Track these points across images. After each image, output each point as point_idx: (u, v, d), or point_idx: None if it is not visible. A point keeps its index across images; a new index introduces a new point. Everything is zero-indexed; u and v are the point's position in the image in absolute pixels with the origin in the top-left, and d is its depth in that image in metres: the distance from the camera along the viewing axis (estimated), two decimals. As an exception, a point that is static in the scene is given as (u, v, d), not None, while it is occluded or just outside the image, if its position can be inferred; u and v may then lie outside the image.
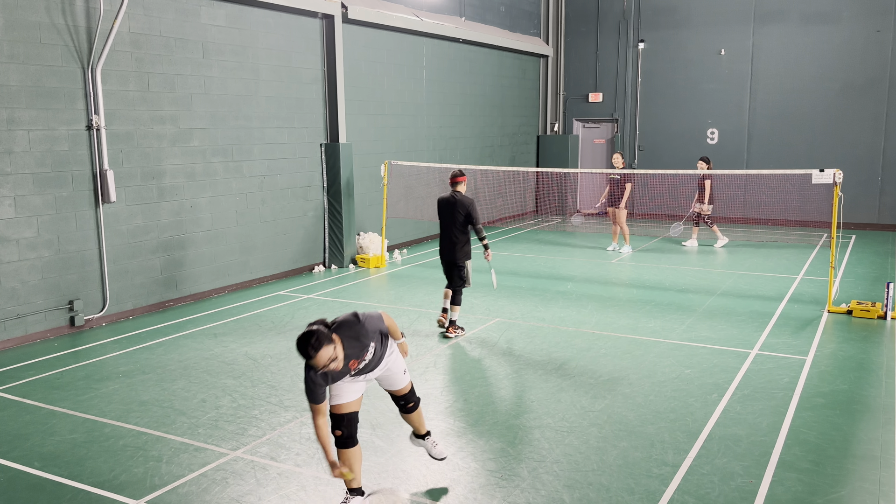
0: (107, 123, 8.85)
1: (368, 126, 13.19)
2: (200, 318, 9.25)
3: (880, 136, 16.08)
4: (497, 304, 9.75)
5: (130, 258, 9.28)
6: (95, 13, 8.60)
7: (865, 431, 5.69)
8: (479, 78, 16.62)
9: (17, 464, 5.28)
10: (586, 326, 8.71)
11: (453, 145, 15.87)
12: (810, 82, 16.63)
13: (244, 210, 10.85)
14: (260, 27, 10.85)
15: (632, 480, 4.92)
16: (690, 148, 17.78)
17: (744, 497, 4.69)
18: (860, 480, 4.92)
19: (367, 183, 13.26)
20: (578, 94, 19.53)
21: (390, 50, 13.60)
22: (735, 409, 6.13)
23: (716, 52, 17.52)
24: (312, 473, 5.10)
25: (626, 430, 5.74)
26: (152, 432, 5.79)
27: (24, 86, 8.01)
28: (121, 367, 7.37)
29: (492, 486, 4.87)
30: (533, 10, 18.81)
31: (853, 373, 7.02)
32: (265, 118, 11.05)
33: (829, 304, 9.30)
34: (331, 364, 4.08)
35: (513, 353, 7.71)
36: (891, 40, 15.80)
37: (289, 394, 6.58)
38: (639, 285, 10.87)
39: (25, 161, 8.08)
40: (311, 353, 4.00)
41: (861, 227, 16.20)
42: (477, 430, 5.74)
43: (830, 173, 9.11)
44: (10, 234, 8.01)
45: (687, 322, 8.85)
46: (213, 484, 4.95)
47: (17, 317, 8.12)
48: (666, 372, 7.06)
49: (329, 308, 9.67)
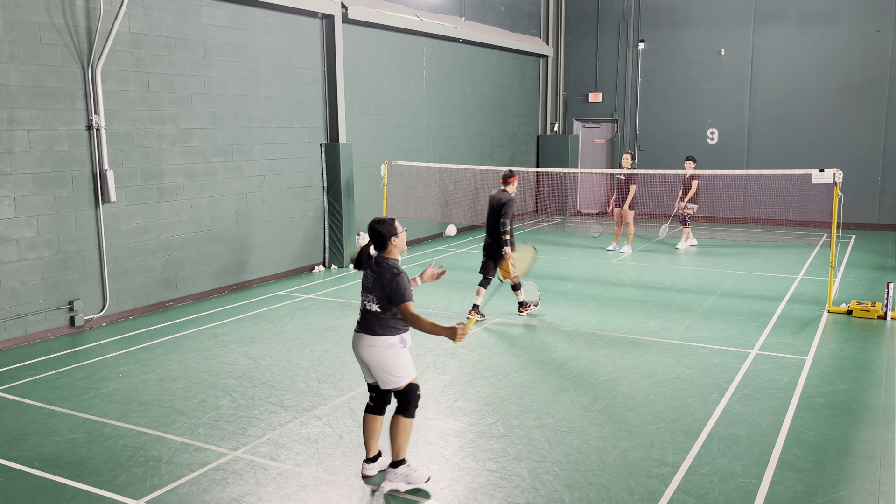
0: (107, 123, 8.85)
1: (368, 126, 13.19)
2: (200, 318, 9.25)
3: (880, 136, 16.08)
4: (497, 304, 9.75)
5: (130, 258, 9.28)
6: (95, 13, 8.60)
7: (865, 431, 5.69)
8: (479, 78, 16.62)
9: (17, 464, 5.28)
10: (586, 326, 8.71)
11: (453, 145, 15.87)
12: (810, 82, 16.63)
13: (244, 210, 10.85)
14: (260, 27, 10.85)
15: (632, 480, 4.92)
16: (690, 148, 17.77)
17: (744, 497, 4.69)
18: (860, 480, 4.92)
19: (367, 183, 13.26)
20: (578, 94, 19.53)
21: (390, 50, 13.60)
22: (735, 409, 6.13)
23: (716, 52, 17.53)
24: (312, 473, 5.10)
25: (626, 430, 5.74)
26: (152, 432, 5.79)
27: (24, 86, 8.01)
28: (121, 367, 7.37)
29: (492, 486, 4.87)
30: (533, 10, 18.81)
31: (853, 373, 7.02)
32: (265, 118, 11.05)
33: (829, 304, 9.30)
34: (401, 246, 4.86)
35: (513, 353, 7.70)
36: (891, 40, 15.80)
37: (289, 394, 6.59)
38: (639, 285, 10.87)
39: (25, 161, 8.08)
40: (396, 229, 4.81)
41: (861, 227, 16.20)
42: (477, 430, 5.74)
43: (830, 173, 9.11)
44: (10, 234, 8.00)
45: (687, 322, 8.84)
46: (213, 484, 4.95)
47: (17, 317, 8.12)
48: (666, 372, 7.06)
49: (329, 308, 9.67)
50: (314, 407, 6.27)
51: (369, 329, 4.76)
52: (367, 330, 4.77)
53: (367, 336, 4.75)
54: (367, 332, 4.76)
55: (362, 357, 4.80)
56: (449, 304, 9.80)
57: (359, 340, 4.81)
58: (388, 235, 4.81)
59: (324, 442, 5.58)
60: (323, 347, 7.97)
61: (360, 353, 4.82)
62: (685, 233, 14.07)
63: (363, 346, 4.77)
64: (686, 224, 13.99)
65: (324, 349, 7.90)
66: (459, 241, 15.20)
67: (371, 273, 4.82)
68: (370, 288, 4.79)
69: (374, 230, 4.85)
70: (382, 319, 4.74)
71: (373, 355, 4.74)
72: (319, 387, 6.75)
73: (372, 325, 4.75)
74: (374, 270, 4.80)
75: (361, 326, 4.81)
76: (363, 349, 4.78)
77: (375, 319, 4.75)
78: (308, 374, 7.09)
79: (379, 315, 4.74)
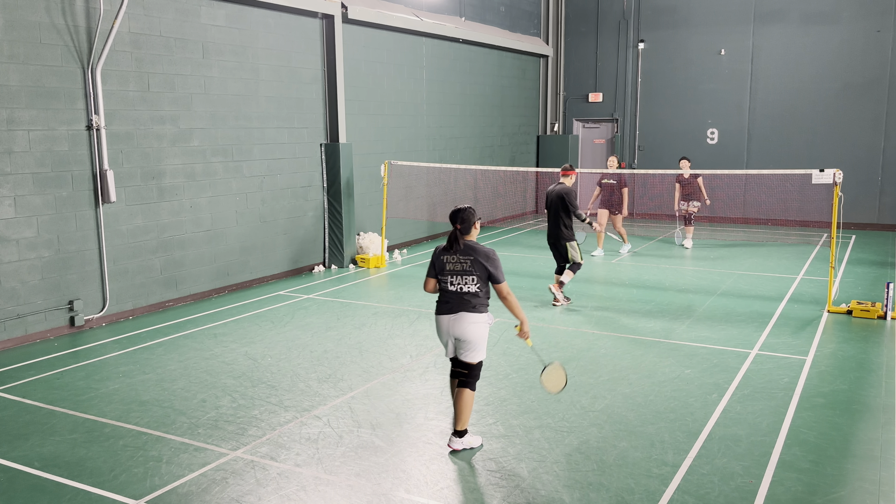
0: (107, 123, 8.85)
1: (368, 126, 13.20)
2: (200, 318, 9.25)
3: (880, 136, 16.09)
4: (497, 304, 9.74)
5: (130, 258, 9.28)
6: (95, 13, 8.60)
7: (865, 431, 5.69)
8: (479, 78, 16.62)
9: (17, 464, 5.28)
10: (586, 326, 8.71)
11: (453, 145, 15.87)
12: (810, 82, 16.64)
13: (244, 210, 10.85)
14: (260, 27, 10.85)
15: (632, 480, 4.92)
16: (690, 148, 17.78)
17: (744, 497, 4.69)
18: (860, 480, 4.92)
19: (367, 183, 13.26)
20: (578, 94, 19.53)
21: (390, 50, 13.61)
22: (735, 409, 6.13)
23: (716, 52, 17.53)
24: (312, 473, 5.10)
25: (626, 430, 5.74)
26: (152, 432, 5.79)
27: (24, 86, 8.01)
28: (121, 367, 7.37)
29: (492, 486, 4.87)
30: (533, 10, 18.81)
31: (853, 373, 7.02)
32: (265, 118, 11.05)
33: (829, 304, 9.30)
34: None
35: (513, 353, 7.70)
36: (891, 40, 15.80)
37: (289, 394, 6.59)
38: (639, 285, 10.87)
39: (25, 161, 8.08)
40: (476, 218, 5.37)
41: (861, 227, 16.20)
42: (477, 431, 5.74)
43: (830, 173, 9.11)
44: (10, 234, 8.01)
45: (687, 322, 8.85)
46: (213, 484, 4.95)
47: (17, 317, 8.13)
48: (666, 372, 7.06)
49: (329, 308, 9.67)
50: (314, 407, 6.27)
51: (470, 308, 5.28)
52: (467, 309, 5.28)
53: (469, 314, 5.27)
54: (468, 310, 5.28)
55: (462, 334, 5.28)
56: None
57: (459, 319, 5.27)
58: (474, 220, 5.38)
59: (324, 442, 5.58)
60: (323, 347, 7.97)
61: (459, 330, 5.28)
62: (689, 231, 14.07)
63: (465, 324, 5.26)
64: (690, 223, 13.99)
65: (324, 349, 7.90)
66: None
67: (464, 257, 5.30)
68: (468, 270, 5.29)
69: (462, 216, 5.34)
70: (480, 298, 5.31)
71: (474, 331, 5.28)
72: (319, 387, 6.75)
73: (473, 304, 5.29)
74: (467, 254, 5.30)
75: (459, 307, 5.29)
76: (465, 326, 5.26)
77: (475, 299, 5.30)
78: (308, 374, 7.09)
79: (478, 294, 5.30)
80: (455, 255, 5.31)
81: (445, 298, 5.35)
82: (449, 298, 5.33)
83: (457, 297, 5.30)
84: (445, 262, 5.35)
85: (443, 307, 5.35)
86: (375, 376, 7.02)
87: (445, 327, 5.33)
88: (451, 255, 5.33)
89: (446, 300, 5.34)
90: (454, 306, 5.29)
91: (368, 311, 9.49)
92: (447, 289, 5.35)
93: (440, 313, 5.36)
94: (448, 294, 5.34)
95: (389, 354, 7.70)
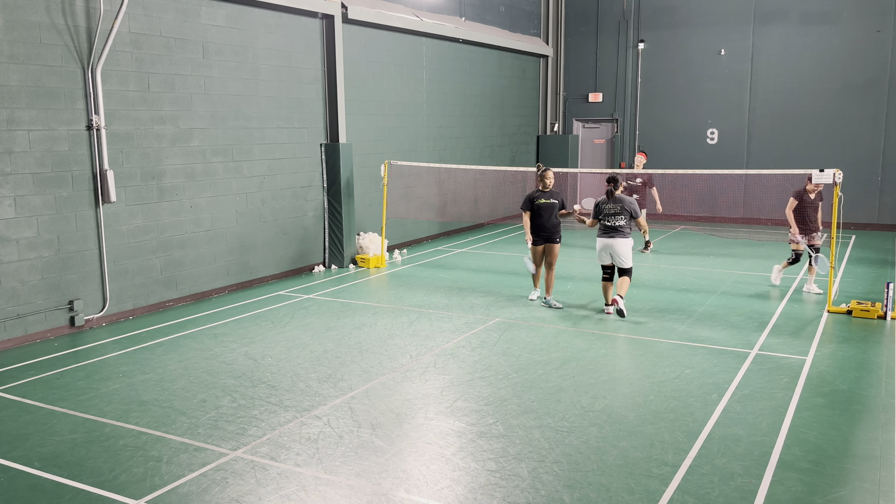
0: (107, 123, 8.85)
1: (368, 126, 13.19)
2: (200, 318, 9.25)
3: (880, 136, 16.09)
4: (497, 304, 9.76)
5: (130, 258, 9.28)
6: (95, 13, 8.60)
7: (865, 431, 5.69)
8: (479, 78, 16.62)
9: (17, 464, 5.28)
10: (586, 326, 8.71)
11: (453, 145, 15.87)
12: (810, 82, 16.64)
13: (244, 210, 10.85)
14: (260, 27, 10.85)
15: (632, 480, 4.92)
16: (690, 148, 17.78)
17: (744, 497, 4.69)
18: (860, 480, 4.92)
19: (367, 183, 13.26)
20: (578, 94, 19.53)
21: (390, 50, 13.61)
22: (735, 409, 6.13)
23: (716, 52, 17.53)
24: (312, 473, 5.10)
25: (625, 430, 5.74)
26: (152, 432, 5.79)
27: (24, 86, 8.01)
28: (121, 367, 7.38)
29: (492, 486, 4.88)
30: (533, 10, 18.81)
31: (853, 373, 7.02)
32: (265, 118, 11.06)
33: (829, 304, 9.30)
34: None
35: (513, 353, 7.71)
36: (891, 40, 15.80)
37: (289, 394, 6.59)
38: (639, 285, 10.87)
39: (25, 161, 8.08)
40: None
41: (861, 227, 16.20)
42: (477, 430, 5.75)
43: (830, 173, 9.11)
44: (10, 234, 8.01)
45: (687, 322, 8.85)
46: (213, 484, 4.95)
47: (17, 317, 8.13)
48: (666, 372, 7.06)
49: (329, 308, 9.67)
50: (314, 407, 6.28)
51: (623, 234, 8.88)
52: (621, 234, 8.88)
53: (623, 238, 8.88)
54: (621, 236, 8.88)
55: (616, 249, 8.87)
56: (449, 304, 9.80)
57: (616, 240, 8.87)
58: (620, 180, 9.10)
59: (324, 442, 5.58)
60: (323, 347, 7.97)
61: (615, 246, 8.87)
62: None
63: (620, 243, 8.86)
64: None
65: (324, 349, 7.90)
66: (460, 242, 15.20)
67: (615, 203, 8.92)
68: (619, 212, 8.88)
69: (613, 178, 9.04)
70: (626, 228, 8.90)
71: (625, 248, 8.87)
72: (319, 387, 6.76)
73: (624, 231, 8.88)
74: (618, 202, 8.90)
75: (615, 233, 8.88)
76: (619, 244, 8.86)
77: (625, 228, 8.88)
78: (308, 374, 7.09)
79: (626, 226, 8.88)
80: (610, 202, 8.94)
81: (606, 228, 8.94)
82: (607, 230, 8.91)
83: (613, 229, 8.89)
84: (603, 207, 8.94)
85: (604, 234, 8.95)
86: (375, 376, 7.02)
87: (606, 246, 8.92)
88: (607, 204, 8.94)
89: (606, 229, 8.93)
90: (612, 232, 8.89)
91: (368, 311, 9.49)
92: (605, 223, 8.93)
93: (601, 237, 8.98)
94: (607, 227, 8.92)
95: (389, 354, 7.70)
